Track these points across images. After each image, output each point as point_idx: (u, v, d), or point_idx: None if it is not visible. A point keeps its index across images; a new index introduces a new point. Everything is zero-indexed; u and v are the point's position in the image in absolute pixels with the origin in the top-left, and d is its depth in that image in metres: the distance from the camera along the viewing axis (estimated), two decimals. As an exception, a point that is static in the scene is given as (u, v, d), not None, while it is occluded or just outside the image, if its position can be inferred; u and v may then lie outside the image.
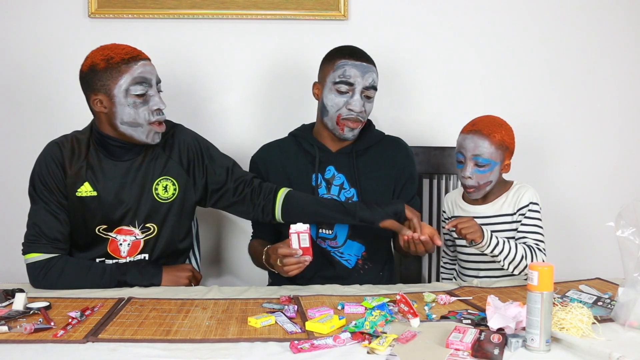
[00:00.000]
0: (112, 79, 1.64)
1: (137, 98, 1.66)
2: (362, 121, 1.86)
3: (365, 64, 1.83)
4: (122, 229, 1.74)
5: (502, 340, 1.22)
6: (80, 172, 1.70)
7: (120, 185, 1.72)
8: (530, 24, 2.42)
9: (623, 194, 2.45)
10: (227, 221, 2.18)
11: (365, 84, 1.82)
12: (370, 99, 1.86)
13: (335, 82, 1.82)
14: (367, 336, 1.26)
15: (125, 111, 1.66)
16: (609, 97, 2.46)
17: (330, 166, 1.90)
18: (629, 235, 1.34)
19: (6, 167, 2.35)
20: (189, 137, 1.82)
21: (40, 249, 1.66)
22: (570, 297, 1.52)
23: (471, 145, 1.78)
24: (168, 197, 1.76)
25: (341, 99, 1.83)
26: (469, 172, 1.78)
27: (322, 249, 1.88)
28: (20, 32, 2.32)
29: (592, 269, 1.95)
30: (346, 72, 1.81)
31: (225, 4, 2.32)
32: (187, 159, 1.79)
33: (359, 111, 1.82)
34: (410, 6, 2.39)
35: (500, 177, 1.85)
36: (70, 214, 1.71)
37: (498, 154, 1.78)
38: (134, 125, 1.67)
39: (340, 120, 1.84)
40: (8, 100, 2.34)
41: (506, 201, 1.83)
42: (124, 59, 1.65)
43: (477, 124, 1.80)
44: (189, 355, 1.20)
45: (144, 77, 1.67)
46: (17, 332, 1.29)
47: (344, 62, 1.83)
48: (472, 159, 1.78)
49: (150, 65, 1.71)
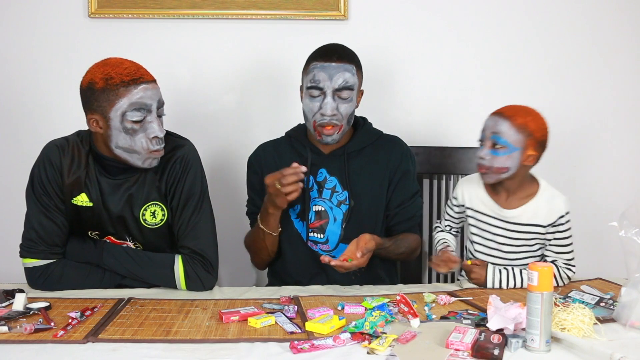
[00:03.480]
0: (108, 102, 1.55)
1: (134, 124, 1.57)
2: (339, 124, 1.79)
3: (335, 64, 1.76)
4: (112, 239, 1.72)
5: (502, 340, 1.22)
6: (79, 181, 1.66)
7: (112, 202, 1.67)
8: (530, 24, 2.42)
9: (623, 193, 2.45)
10: (227, 221, 2.18)
11: (335, 86, 1.75)
12: (346, 100, 1.77)
13: (307, 87, 1.79)
14: (367, 336, 1.26)
15: (121, 136, 1.58)
16: (611, 97, 2.46)
17: (323, 169, 1.87)
18: (632, 236, 1.34)
19: (6, 167, 2.34)
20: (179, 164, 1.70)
21: (39, 255, 1.64)
22: (572, 298, 1.52)
23: (491, 123, 1.68)
24: (156, 222, 1.70)
25: (315, 104, 1.78)
26: (485, 152, 1.68)
27: (313, 252, 1.86)
28: (20, 32, 2.32)
29: (593, 269, 1.95)
30: (315, 77, 1.76)
31: (225, 4, 2.32)
32: (166, 185, 1.70)
33: (331, 115, 1.76)
34: (410, 6, 2.38)
35: (523, 170, 1.71)
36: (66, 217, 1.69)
37: (518, 139, 1.65)
38: (129, 152, 1.60)
39: (316, 126, 1.80)
40: (8, 100, 2.34)
41: (537, 212, 1.71)
42: (124, 81, 1.55)
43: (505, 108, 1.71)
44: (189, 355, 1.20)
45: (143, 102, 1.57)
46: (17, 332, 1.29)
47: (314, 64, 1.78)
48: (490, 138, 1.67)
49: (153, 88, 1.59)
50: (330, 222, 1.85)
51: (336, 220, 1.85)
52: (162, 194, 1.70)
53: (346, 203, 1.85)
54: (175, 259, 1.67)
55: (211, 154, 2.31)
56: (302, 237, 1.86)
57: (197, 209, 1.70)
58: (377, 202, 1.87)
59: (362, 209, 1.84)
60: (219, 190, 2.17)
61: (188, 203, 1.69)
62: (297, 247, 1.86)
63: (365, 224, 1.84)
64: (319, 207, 1.86)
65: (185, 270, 1.65)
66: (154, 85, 1.61)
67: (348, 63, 1.78)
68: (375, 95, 1.92)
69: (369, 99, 2.20)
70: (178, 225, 1.70)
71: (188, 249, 1.68)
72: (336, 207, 1.86)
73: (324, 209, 1.85)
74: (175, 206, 1.70)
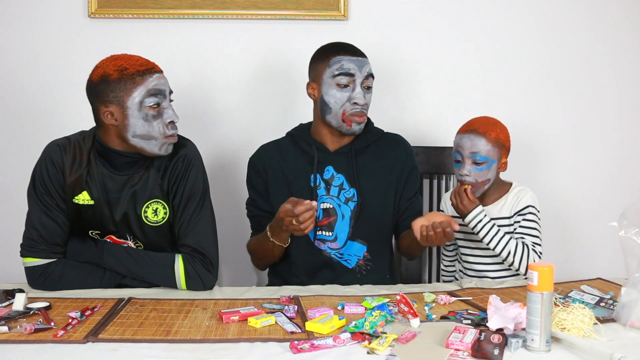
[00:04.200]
0: (125, 91, 1.60)
1: (151, 110, 1.62)
2: (366, 114, 1.86)
3: (360, 58, 1.83)
4: (113, 238, 1.72)
5: (502, 340, 1.21)
6: (80, 180, 1.67)
7: (115, 199, 1.68)
8: (530, 24, 2.42)
9: (623, 193, 2.45)
10: (228, 221, 2.18)
11: (364, 74, 1.82)
12: (369, 89, 1.85)
13: (334, 76, 1.81)
14: (367, 336, 1.26)
15: (139, 124, 1.61)
16: (609, 98, 2.46)
17: (329, 166, 1.88)
18: (632, 236, 1.34)
19: (6, 167, 2.34)
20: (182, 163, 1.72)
21: (39, 254, 1.65)
22: (572, 298, 1.52)
23: (468, 144, 1.80)
24: (157, 220, 1.71)
25: (343, 94, 1.81)
26: (467, 169, 1.80)
27: (321, 251, 1.86)
28: (20, 32, 2.32)
29: (593, 269, 1.95)
30: (344, 66, 1.81)
31: (225, 4, 2.32)
32: (168, 183, 1.72)
33: (363, 103, 1.81)
34: (410, 6, 2.39)
35: (498, 176, 1.87)
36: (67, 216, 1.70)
37: (495, 152, 1.81)
38: (147, 138, 1.63)
39: (346, 117, 1.82)
40: (8, 100, 2.34)
41: (505, 204, 1.85)
42: (139, 71, 1.61)
43: (473, 124, 1.84)
44: (189, 355, 1.20)
45: (159, 89, 1.63)
46: (17, 332, 1.29)
47: (339, 57, 1.82)
48: (470, 157, 1.80)
49: (164, 77, 1.67)
50: (339, 219, 1.86)
51: (344, 218, 1.86)
52: (164, 192, 1.71)
53: (354, 200, 1.86)
54: (176, 258, 1.67)
55: (211, 154, 2.30)
56: (310, 236, 1.85)
57: (199, 208, 1.71)
58: (385, 199, 1.89)
59: (371, 205, 1.86)
60: (219, 189, 2.17)
61: (189, 202, 1.70)
62: (303, 247, 1.86)
63: (374, 221, 1.86)
64: (326, 204, 1.86)
65: (186, 269, 1.65)
66: (164, 75, 1.68)
67: (367, 59, 1.86)
68: (375, 95, 1.92)
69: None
70: (179, 224, 1.70)
71: (189, 247, 1.68)
72: (344, 204, 1.86)
73: (332, 206, 1.86)
74: (177, 205, 1.71)
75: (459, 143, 1.83)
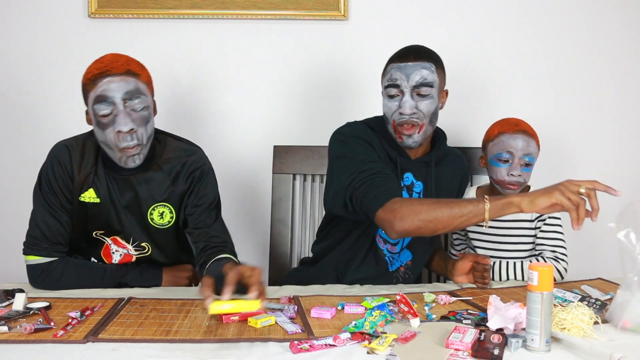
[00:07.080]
0: (86, 97, 1.59)
1: (102, 118, 1.56)
2: (419, 123, 1.72)
3: (411, 63, 1.72)
4: (117, 239, 1.73)
5: (502, 340, 1.21)
6: (88, 178, 1.67)
7: (119, 197, 1.68)
8: (530, 24, 2.42)
9: (624, 194, 2.44)
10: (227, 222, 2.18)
11: (413, 84, 1.71)
12: (425, 97, 1.72)
13: (385, 87, 1.76)
14: (367, 336, 1.26)
15: (98, 132, 1.59)
16: (609, 98, 2.46)
17: (409, 173, 1.81)
18: (627, 236, 1.35)
19: (6, 167, 2.34)
20: (198, 171, 1.72)
21: (41, 252, 1.65)
22: (554, 296, 1.51)
23: (522, 144, 1.80)
24: (163, 223, 1.72)
25: (393, 103, 1.74)
26: (519, 170, 1.80)
27: (378, 248, 1.82)
28: (20, 32, 2.32)
29: (593, 269, 1.95)
30: (392, 76, 1.73)
31: (225, 4, 2.32)
32: (181, 189, 1.71)
33: (410, 113, 1.70)
34: (410, 6, 2.39)
35: None
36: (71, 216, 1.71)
37: (538, 153, 1.84)
38: (107, 147, 1.60)
39: (396, 126, 1.75)
40: (8, 100, 2.34)
41: None
42: (93, 75, 1.55)
43: (520, 124, 1.83)
44: (189, 355, 1.20)
45: (105, 95, 1.54)
46: (17, 332, 1.29)
47: (391, 66, 1.76)
48: (522, 158, 1.80)
49: (121, 80, 1.54)
50: None
51: None
52: (175, 197, 1.71)
53: None
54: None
55: (209, 154, 2.29)
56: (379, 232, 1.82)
57: (217, 213, 1.74)
58: None
59: None
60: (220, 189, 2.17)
61: (209, 208, 1.71)
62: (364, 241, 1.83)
63: None
64: None
65: None
66: (124, 77, 1.56)
67: (426, 61, 1.74)
68: (375, 95, 1.92)
69: (369, 99, 2.21)
70: (200, 229, 1.69)
71: (219, 238, 1.68)
72: None
73: None
74: (194, 211, 1.70)
75: (509, 143, 1.80)
